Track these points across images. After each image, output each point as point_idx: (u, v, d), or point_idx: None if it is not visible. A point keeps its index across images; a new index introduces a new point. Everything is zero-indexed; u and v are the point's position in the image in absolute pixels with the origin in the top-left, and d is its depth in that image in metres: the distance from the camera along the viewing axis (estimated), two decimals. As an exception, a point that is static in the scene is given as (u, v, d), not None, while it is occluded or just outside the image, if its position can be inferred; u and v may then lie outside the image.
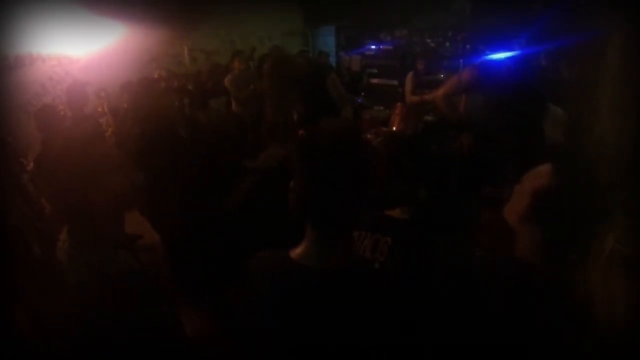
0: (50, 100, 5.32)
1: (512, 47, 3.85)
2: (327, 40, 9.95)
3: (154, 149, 2.98)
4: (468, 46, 3.98)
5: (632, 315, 1.40)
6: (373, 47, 9.00)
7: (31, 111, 3.80)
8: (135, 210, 2.09)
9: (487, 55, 3.40)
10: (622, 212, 1.79)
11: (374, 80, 8.66)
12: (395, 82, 8.21)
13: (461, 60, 3.21)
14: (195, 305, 2.49)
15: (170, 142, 3.15)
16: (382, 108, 6.53)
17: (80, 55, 6.12)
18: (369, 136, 4.01)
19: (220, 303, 2.49)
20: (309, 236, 1.24)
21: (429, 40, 8.86)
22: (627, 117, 2.33)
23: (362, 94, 7.82)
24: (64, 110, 4.45)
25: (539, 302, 1.28)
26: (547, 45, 3.73)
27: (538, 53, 3.92)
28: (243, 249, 1.44)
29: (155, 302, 1.54)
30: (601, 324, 1.41)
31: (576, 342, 1.27)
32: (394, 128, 4.02)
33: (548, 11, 4.21)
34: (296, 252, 1.25)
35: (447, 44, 8.46)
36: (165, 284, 1.80)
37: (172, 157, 3.02)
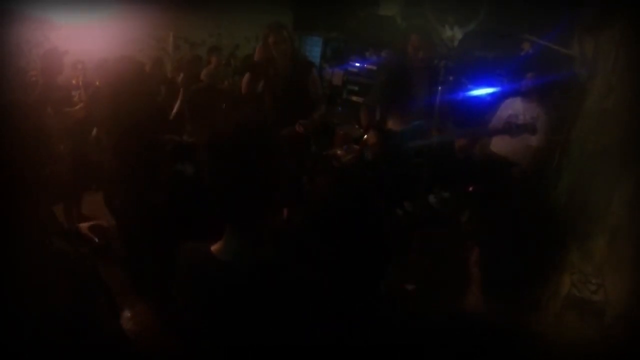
0: (23, 64, 5.12)
1: (494, 82, 3.94)
2: (313, 50, 9.95)
3: (124, 130, 2.90)
4: (451, 77, 4.02)
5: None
6: (357, 64, 9.01)
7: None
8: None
9: (468, 88, 3.46)
10: (580, 255, 1.83)
11: (354, 98, 8.68)
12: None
13: (439, 88, 3.22)
14: (143, 297, 2.43)
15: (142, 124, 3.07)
16: (357, 126, 6.56)
17: (62, 22, 5.92)
18: (339, 152, 4.00)
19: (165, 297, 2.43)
20: (227, 230, 1.28)
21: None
22: (595, 164, 2.37)
23: (339, 108, 7.83)
24: (36, 77, 4.28)
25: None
26: (529, 82, 3.83)
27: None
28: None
29: (89, 292, 1.46)
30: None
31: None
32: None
33: (533, 49, 4.34)
34: (216, 246, 1.28)
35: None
36: (105, 273, 1.73)
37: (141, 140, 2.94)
